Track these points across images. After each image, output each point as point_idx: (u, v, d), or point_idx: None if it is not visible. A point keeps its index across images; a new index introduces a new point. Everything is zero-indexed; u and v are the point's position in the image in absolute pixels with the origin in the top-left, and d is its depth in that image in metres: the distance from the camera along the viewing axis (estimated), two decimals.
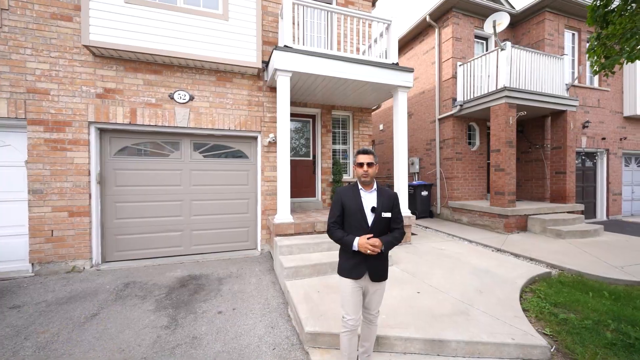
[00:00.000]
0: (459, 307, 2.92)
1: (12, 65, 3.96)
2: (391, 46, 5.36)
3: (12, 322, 2.86)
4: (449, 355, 2.35)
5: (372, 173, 1.97)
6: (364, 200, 1.97)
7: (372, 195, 2.00)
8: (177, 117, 4.69)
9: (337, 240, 1.97)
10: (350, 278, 1.94)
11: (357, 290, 1.95)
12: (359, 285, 1.96)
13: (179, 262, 4.69)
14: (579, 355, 2.31)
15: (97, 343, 2.52)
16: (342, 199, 2.01)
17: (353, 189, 2.03)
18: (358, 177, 2.02)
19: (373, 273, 1.93)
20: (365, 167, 1.95)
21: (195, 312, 3.06)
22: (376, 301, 2.03)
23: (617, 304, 3.15)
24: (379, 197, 1.98)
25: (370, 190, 2.01)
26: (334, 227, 1.99)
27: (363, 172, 1.96)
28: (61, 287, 3.68)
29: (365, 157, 1.96)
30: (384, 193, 2.02)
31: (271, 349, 2.46)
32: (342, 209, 2.00)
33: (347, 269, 1.96)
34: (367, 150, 2.00)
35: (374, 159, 1.98)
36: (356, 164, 2.01)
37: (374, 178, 2.03)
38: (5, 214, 4.09)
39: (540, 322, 2.81)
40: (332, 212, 2.04)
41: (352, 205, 1.97)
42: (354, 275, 1.93)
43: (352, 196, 2.00)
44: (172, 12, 4.40)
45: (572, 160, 7.22)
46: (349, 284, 1.94)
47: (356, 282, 1.94)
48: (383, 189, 2.06)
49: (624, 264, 4.41)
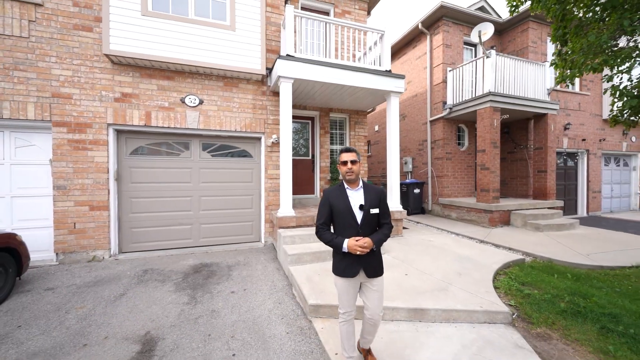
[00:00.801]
0: (439, 285, 3.39)
1: (38, 72, 4.34)
2: (384, 54, 5.82)
3: (51, 300, 3.26)
4: (428, 321, 2.82)
5: (356, 170, 1.99)
6: (351, 199, 1.99)
7: (359, 193, 2.02)
8: (187, 120, 5.10)
9: (326, 243, 1.97)
10: (345, 277, 1.96)
11: (351, 287, 1.99)
12: (355, 283, 1.99)
13: (189, 252, 5.10)
14: (534, 319, 2.79)
15: (129, 315, 2.95)
16: (330, 199, 2.02)
17: (339, 189, 2.05)
18: (343, 175, 2.03)
19: (368, 269, 1.96)
20: (349, 164, 1.97)
21: (210, 292, 3.49)
22: (376, 299, 2.01)
23: (576, 283, 3.66)
24: (366, 194, 2.01)
25: (356, 188, 2.03)
26: (322, 228, 2.00)
27: (347, 169, 1.98)
28: (86, 273, 4.08)
29: (348, 155, 1.98)
30: (370, 190, 2.05)
31: (280, 319, 2.91)
32: (330, 209, 2.01)
33: (341, 268, 1.97)
34: (349, 149, 2.01)
35: (357, 156, 2.00)
36: (340, 163, 2.02)
37: (359, 176, 2.06)
38: (32, 208, 4.47)
39: (507, 296, 3.29)
40: (320, 213, 2.04)
41: (340, 205, 1.98)
42: (348, 274, 1.95)
43: (339, 196, 2.01)
44: (184, 24, 4.81)
45: (553, 160, 7.77)
46: (344, 283, 1.98)
47: (351, 280, 1.97)
48: (369, 185, 2.09)
49: (590, 252, 4.94)
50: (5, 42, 4.19)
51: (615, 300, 3.19)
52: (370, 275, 1.96)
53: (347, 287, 1.97)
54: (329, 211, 2.01)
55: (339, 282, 2.01)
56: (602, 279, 3.87)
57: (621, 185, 10.84)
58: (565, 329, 2.67)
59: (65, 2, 4.45)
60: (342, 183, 2.08)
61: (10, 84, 4.21)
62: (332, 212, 2.01)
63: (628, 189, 11.00)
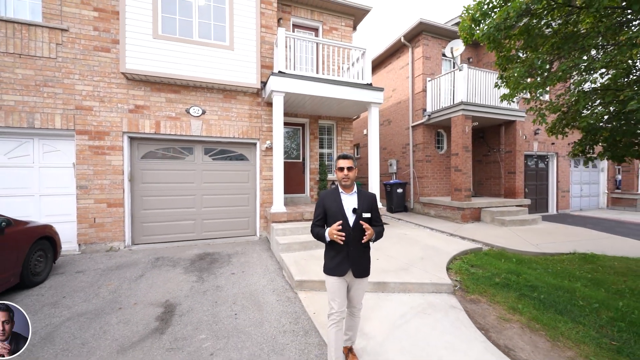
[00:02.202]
0: (403, 266, 4.15)
1: (64, 87, 5.03)
2: (366, 69, 6.59)
3: (83, 279, 3.96)
4: (389, 292, 3.57)
5: (352, 176, 2.10)
6: (344, 203, 2.09)
7: (353, 198, 2.12)
8: (192, 128, 5.81)
9: (315, 236, 2.12)
10: (335, 275, 2.06)
11: (342, 286, 2.08)
12: (343, 282, 2.09)
13: (193, 244, 5.81)
14: (471, 289, 3.57)
15: (150, 289, 3.66)
16: (324, 202, 2.14)
17: (334, 193, 2.16)
18: (339, 180, 2.14)
19: (356, 270, 2.06)
20: (346, 171, 2.07)
21: (214, 274, 4.21)
22: (359, 296, 2.18)
23: (517, 265, 4.44)
24: (359, 199, 2.11)
25: (350, 193, 2.14)
26: (315, 226, 2.15)
27: (344, 175, 2.09)
28: (106, 260, 4.77)
29: (345, 162, 2.09)
30: (363, 195, 2.15)
31: (272, 291, 3.64)
32: (324, 211, 2.13)
33: (331, 267, 2.08)
34: (346, 156, 2.10)
35: (353, 163, 2.10)
36: (337, 169, 2.12)
37: (354, 181, 2.16)
38: (57, 205, 5.14)
39: (456, 274, 4.07)
40: (315, 213, 2.20)
41: (333, 207, 2.09)
42: (338, 272, 2.05)
43: (333, 199, 2.12)
44: (189, 45, 5.53)
45: (521, 163, 8.61)
46: (334, 281, 2.07)
47: (341, 278, 2.07)
48: (363, 191, 2.20)
49: (540, 242, 5.76)
50: (37, 62, 4.88)
51: (541, 277, 3.98)
52: (357, 275, 2.07)
53: (338, 286, 2.06)
54: (322, 212, 2.14)
55: (329, 281, 2.10)
56: (540, 262, 4.67)
57: (590, 185, 11.75)
58: (492, 295, 3.45)
59: (87, 27, 5.14)
60: (337, 187, 2.19)
61: (40, 98, 4.90)
62: (326, 214, 2.13)
63: (597, 188, 11.92)
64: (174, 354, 2.41)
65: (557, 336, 2.63)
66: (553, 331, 2.70)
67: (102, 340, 2.59)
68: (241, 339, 2.63)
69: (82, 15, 5.12)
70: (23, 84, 4.82)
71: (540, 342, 2.59)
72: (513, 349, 2.51)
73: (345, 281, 2.10)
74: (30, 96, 4.85)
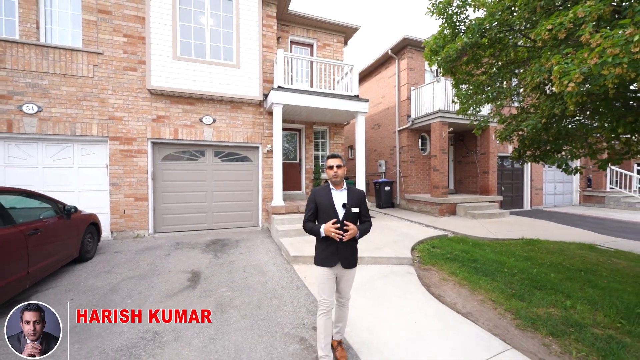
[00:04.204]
0: (378, 247, 5.19)
1: (99, 101, 6.05)
2: (353, 82, 7.62)
3: (122, 257, 4.99)
4: (363, 264, 4.60)
5: (341, 174, 2.24)
6: (334, 198, 2.23)
7: (343, 194, 2.26)
8: (204, 134, 6.84)
9: (308, 231, 2.24)
10: (324, 266, 2.20)
11: (331, 277, 2.22)
12: (332, 273, 2.22)
13: (205, 233, 6.85)
14: (426, 262, 4.62)
15: (178, 263, 4.69)
16: (316, 197, 2.27)
17: (325, 189, 2.29)
18: (329, 178, 2.28)
19: (344, 261, 2.20)
20: (335, 169, 2.22)
21: (227, 253, 5.25)
22: (347, 286, 2.31)
23: (471, 247, 5.48)
24: (349, 194, 2.26)
25: (340, 189, 2.28)
26: (307, 221, 2.28)
27: (333, 173, 2.23)
28: (136, 244, 5.80)
29: (334, 161, 2.24)
30: (352, 191, 2.30)
31: (273, 264, 4.68)
32: (315, 206, 2.26)
33: (322, 258, 2.22)
34: (335, 155, 2.26)
35: (341, 162, 2.25)
36: (327, 167, 2.26)
37: (344, 178, 2.30)
38: (92, 200, 6.16)
39: (418, 253, 5.11)
40: (307, 209, 2.31)
41: (324, 202, 2.22)
42: (327, 263, 2.18)
43: (324, 195, 2.25)
44: (202, 64, 6.55)
45: (494, 163, 9.67)
46: (324, 272, 2.21)
47: (330, 269, 2.21)
48: (352, 188, 2.33)
49: (498, 231, 6.81)
50: (78, 81, 5.90)
51: (485, 254, 5.02)
52: (345, 267, 2.22)
53: (327, 276, 2.21)
54: (314, 207, 2.27)
55: (318, 272, 2.24)
56: (491, 245, 5.72)
57: (564, 184, 12.83)
58: (441, 265, 4.49)
59: (118, 51, 6.17)
60: (329, 184, 2.33)
61: (80, 110, 5.92)
62: (317, 209, 2.26)
63: (570, 187, 12.99)
64: (205, 299, 3.45)
65: (477, 288, 3.68)
66: (475, 285, 3.75)
67: (152, 291, 3.63)
68: (251, 291, 3.67)
69: (114, 40, 6.14)
70: (67, 99, 5.84)
71: (464, 292, 3.64)
72: (443, 296, 3.56)
73: (334, 272, 2.23)
74: (72, 109, 5.87)
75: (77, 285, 3.82)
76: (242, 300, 3.41)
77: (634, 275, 4.11)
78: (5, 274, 2.97)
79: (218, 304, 3.33)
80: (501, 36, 3.87)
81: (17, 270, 3.14)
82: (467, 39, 3.98)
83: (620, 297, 3.37)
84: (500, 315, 3.10)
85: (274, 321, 2.96)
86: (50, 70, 5.71)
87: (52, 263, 3.81)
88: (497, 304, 3.30)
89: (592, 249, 5.52)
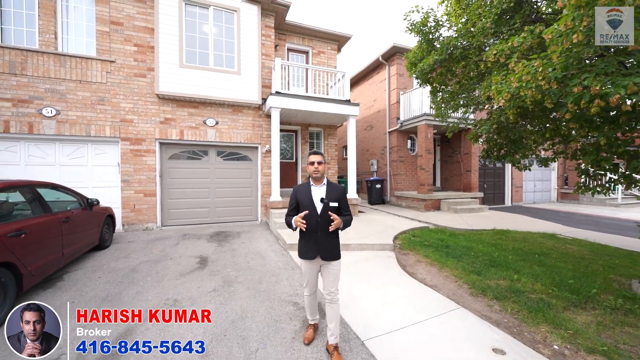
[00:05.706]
0: (364, 236, 5.85)
1: (112, 105, 6.62)
2: (345, 88, 8.28)
3: (136, 246, 5.58)
4: (350, 251, 5.26)
5: (322, 170, 2.32)
6: (313, 194, 2.32)
7: (322, 189, 2.34)
8: (208, 135, 7.44)
9: (288, 225, 2.34)
10: (305, 259, 2.33)
11: (312, 269, 2.36)
12: (314, 265, 2.35)
13: (208, 226, 7.45)
14: (405, 248, 5.30)
15: (187, 250, 5.30)
16: (296, 194, 2.38)
17: (305, 185, 2.38)
18: (310, 173, 2.35)
19: (324, 254, 2.27)
20: (316, 165, 2.30)
21: (229, 242, 5.87)
22: (332, 279, 2.32)
23: (447, 236, 6.16)
24: (328, 189, 2.34)
25: (320, 185, 2.36)
26: (289, 215, 2.40)
27: (314, 169, 2.31)
28: (146, 235, 6.39)
29: (315, 157, 2.32)
30: (332, 187, 2.36)
31: (271, 251, 5.31)
32: (296, 202, 2.37)
33: (303, 251, 2.33)
34: (317, 152, 2.36)
35: (322, 158, 2.33)
36: (309, 163, 2.32)
37: (325, 175, 2.39)
38: (105, 195, 6.71)
39: (399, 241, 5.79)
40: (289, 204, 2.43)
41: (304, 198, 2.32)
42: (308, 256, 2.30)
43: (304, 191, 2.35)
44: (206, 71, 7.15)
45: (476, 162, 10.41)
46: (306, 265, 2.37)
47: (311, 262, 2.33)
48: (332, 184, 2.40)
49: (474, 223, 7.53)
50: (92, 86, 6.46)
51: (458, 242, 5.71)
52: (325, 259, 2.28)
53: (309, 268, 2.37)
54: (294, 203, 2.39)
55: (302, 265, 2.39)
56: (465, 235, 6.42)
57: (543, 182, 13.66)
58: (417, 250, 5.17)
59: (129, 59, 6.74)
60: (309, 180, 2.42)
61: (95, 113, 6.48)
62: (298, 204, 2.37)
63: (549, 185, 13.83)
64: (213, 277, 4.07)
65: (444, 267, 4.36)
66: (443, 265, 4.43)
67: (167, 272, 4.24)
68: (252, 271, 4.30)
69: (125, 49, 6.71)
70: (82, 103, 6.40)
71: (433, 270, 4.32)
72: (416, 273, 4.23)
73: (316, 265, 2.35)
74: (87, 112, 6.43)
75: (101, 267, 4.42)
76: (245, 278, 4.04)
77: (579, 257, 4.83)
78: (48, 253, 3.57)
79: (225, 280, 3.95)
80: (465, 54, 4.55)
81: (55, 251, 3.73)
82: (437, 56, 4.65)
83: (559, 272, 4.07)
84: (459, 286, 3.78)
85: (272, 292, 3.60)
86: (67, 76, 6.27)
87: (80, 248, 4.40)
88: (458, 278, 3.98)
89: (553, 237, 6.26)
